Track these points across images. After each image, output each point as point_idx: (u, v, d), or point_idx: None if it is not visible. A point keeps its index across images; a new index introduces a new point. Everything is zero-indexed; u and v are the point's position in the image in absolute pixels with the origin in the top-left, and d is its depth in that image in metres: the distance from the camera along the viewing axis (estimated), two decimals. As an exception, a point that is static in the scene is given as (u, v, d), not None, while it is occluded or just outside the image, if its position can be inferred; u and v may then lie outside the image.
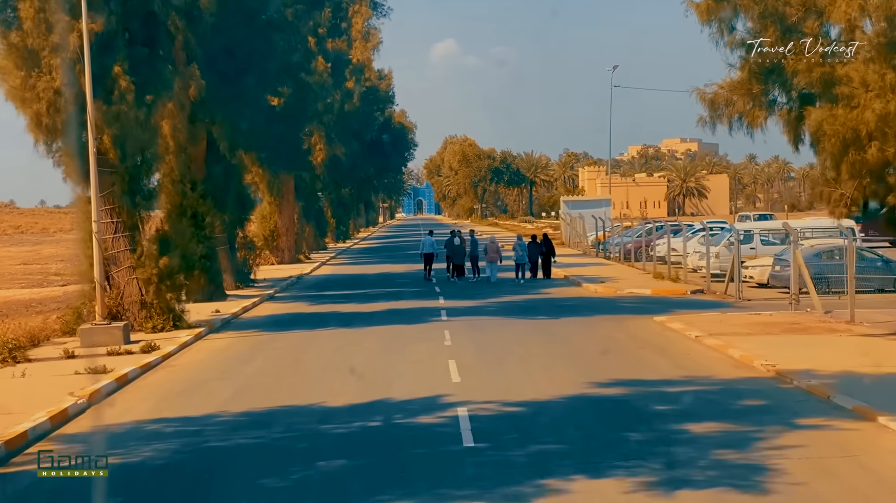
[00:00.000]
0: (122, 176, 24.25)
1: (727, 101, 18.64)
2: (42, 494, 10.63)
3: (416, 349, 20.45)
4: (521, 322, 24.88)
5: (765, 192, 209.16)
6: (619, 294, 32.13)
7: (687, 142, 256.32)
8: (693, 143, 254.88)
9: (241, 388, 16.61)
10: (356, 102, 56.94)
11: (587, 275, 38.85)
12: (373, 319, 26.30)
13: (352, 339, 22.42)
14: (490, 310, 27.98)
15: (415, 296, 32.74)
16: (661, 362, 17.95)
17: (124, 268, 24.43)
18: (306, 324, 25.55)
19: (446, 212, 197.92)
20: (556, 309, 27.86)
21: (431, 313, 27.19)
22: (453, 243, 39.38)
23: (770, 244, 37.16)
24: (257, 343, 22.56)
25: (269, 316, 28.41)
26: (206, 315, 27.46)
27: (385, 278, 41.86)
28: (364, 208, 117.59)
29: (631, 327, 23.27)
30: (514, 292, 33.28)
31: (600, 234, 57.77)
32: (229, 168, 34.74)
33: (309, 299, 33.02)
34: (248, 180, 55.02)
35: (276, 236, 52.68)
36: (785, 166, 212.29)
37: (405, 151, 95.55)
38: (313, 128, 50.63)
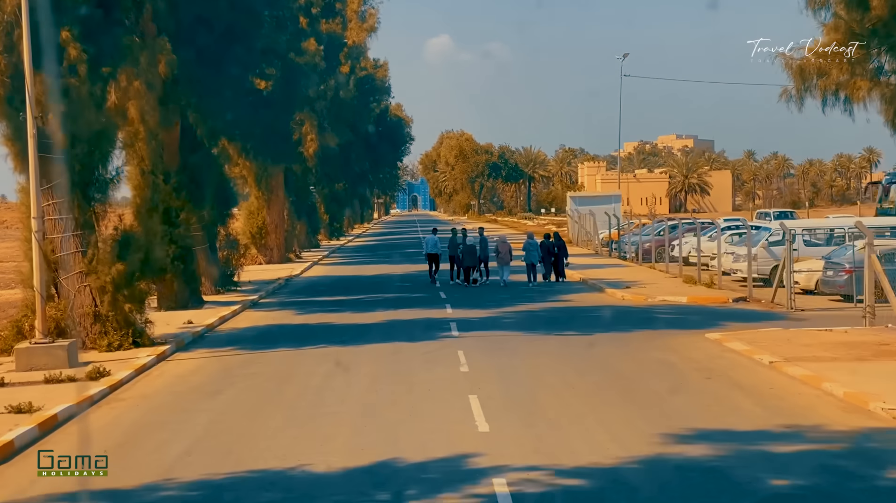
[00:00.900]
0: (72, 164, 20.26)
1: (820, 70, 14.64)
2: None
3: (426, 378, 16.52)
4: (548, 339, 20.93)
5: (764, 189, 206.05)
6: (650, 302, 28.21)
7: (683, 138, 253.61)
8: (689, 139, 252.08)
9: (199, 439, 12.64)
10: (351, 89, 52.88)
11: (606, 278, 34.96)
12: (370, 334, 22.36)
13: (346, 362, 18.46)
14: (507, 322, 24.05)
15: (418, 303, 28.80)
16: (743, 402, 14.00)
17: (74, 273, 20.45)
18: (292, 340, 21.59)
19: (441, 208, 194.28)
20: (584, 321, 23.97)
21: (439, 326, 23.27)
22: (456, 242, 35.47)
23: (813, 245, 33.23)
24: (231, 366, 18.59)
25: (249, 328, 24.44)
26: (177, 327, 23.54)
27: (383, 281, 37.90)
28: (359, 204, 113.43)
29: (682, 347, 19.33)
30: (530, 299, 29.35)
31: (613, 232, 53.93)
32: (208, 157, 30.74)
33: (297, 306, 29.05)
34: (236, 173, 51.30)
35: (265, 234, 48.69)
36: (784, 163, 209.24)
37: (402, 145, 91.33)
38: (304, 116, 46.54)
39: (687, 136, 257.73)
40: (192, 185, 29.26)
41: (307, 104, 43.79)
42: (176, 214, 27.98)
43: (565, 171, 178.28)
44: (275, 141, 37.10)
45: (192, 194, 29.09)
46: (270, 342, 21.49)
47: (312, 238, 64.35)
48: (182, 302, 28.14)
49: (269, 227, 48.69)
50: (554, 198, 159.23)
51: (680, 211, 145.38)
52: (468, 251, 34.20)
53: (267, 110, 35.27)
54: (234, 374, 17.60)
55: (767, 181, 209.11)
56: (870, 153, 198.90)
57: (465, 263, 34.18)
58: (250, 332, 23.58)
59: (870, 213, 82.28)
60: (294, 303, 30.32)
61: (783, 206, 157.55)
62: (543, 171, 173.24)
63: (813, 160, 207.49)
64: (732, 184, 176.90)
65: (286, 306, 29.35)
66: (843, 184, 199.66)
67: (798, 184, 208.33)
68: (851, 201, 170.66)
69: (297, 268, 44.33)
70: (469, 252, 34.20)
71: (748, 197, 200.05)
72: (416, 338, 21.33)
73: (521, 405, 14.07)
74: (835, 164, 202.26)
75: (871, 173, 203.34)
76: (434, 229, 37.10)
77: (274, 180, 48.46)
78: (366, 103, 65.38)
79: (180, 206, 28.17)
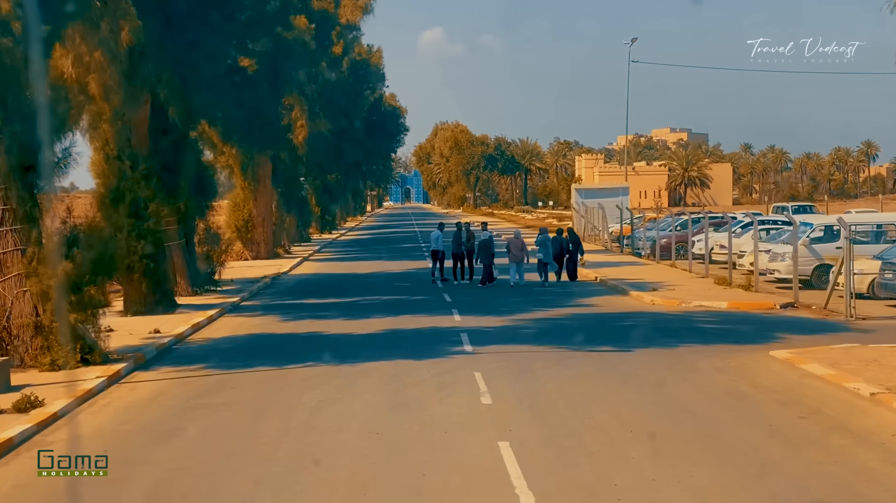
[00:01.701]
0: (9, 145, 16.74)
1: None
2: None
3: (439, 412, 13.08)
4: (581, 357, 17.47)
5: (760, 182, 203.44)
6: (686, 307, 24.78)
7: (677, 131, 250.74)
8: (683, 132, 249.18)
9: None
10: (344, 71, 49.32)
11: (626, 277, 31.56)
12: (367, 347, 18.91)
13: (338, 390, 15.01)
14: (527, 334, 20.57)
15: (420, 307, 25.37)
16: (866, 457, 10.56)
17: (12, 276, 16.97)
18: (275, 355, 18.12)
19: (435, 200, 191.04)
20: (618, 333, 20.56)
21: (447, 338, 19.82)
22: (461, 237, 32.08)
23: (858, 243, 29.84)
24: (197, 392, 15.11)
25: (226, 338, 20.93)
26: (141, 337, 20.08)
27: (379, 280, 34.42)
28: (352, 196, 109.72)
29: (747, 369, 15.90)
30: (547, 303, 25.93)
31: (622, 227, 50.51)
32: (182, 142, 27.20)
33: (283, 311, 25.57)
34: (222, 163, 47.92)
35: (251, 227, 45.15)
36: (782, 156, 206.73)
37: (397, 135, 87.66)
38: (294, 100, 43.01)
39: (681, 130, 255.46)
40: (165, 173, 25.81)
41: (297, 87, 40.26)
42: (145, 205, 24.46)
43: (560, 164, 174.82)
44: (260, 125, 33.52)
45: (165, 183, 25.63)
46: (249, 357, 18.01)
47: (303, 232, 60.83)
48: (151, 306, 24.64)
49: (255, 221, 45.17)
50: (551, 190, 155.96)
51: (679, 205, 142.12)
52: (485, 247, 30.79)
53: (252, 91, 31.80)
54: (199, 405, 14.12)
55: (765, 175, 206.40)
56: (868, 146, 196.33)
57: (483, 260, 30.76)
58: (226, 344, 20.09)
59: (890, 207, 79.15)
60: (280, 306, 26.83)
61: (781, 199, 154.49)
62: (540, 164, 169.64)
63: (810, 154, 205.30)
64: (733, 177, 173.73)
65: (271, 310, 25.86)
66: (840, 178, 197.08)
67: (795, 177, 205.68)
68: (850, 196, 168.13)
69: (286, 265, 40.84)
70: (485, 248, 30.79)
71: (745, 191, 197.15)
72: (422, 353, 17.88)
73: (571, 460, 10.62)
74: (832, 157, 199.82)
75: (870, 167, 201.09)
76: (440, 225, 33.74)
77: (261, 170, 44.91)
78: (359, 90, 61.84)
79: (150, 196, 24.64)
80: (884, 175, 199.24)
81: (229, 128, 32.13)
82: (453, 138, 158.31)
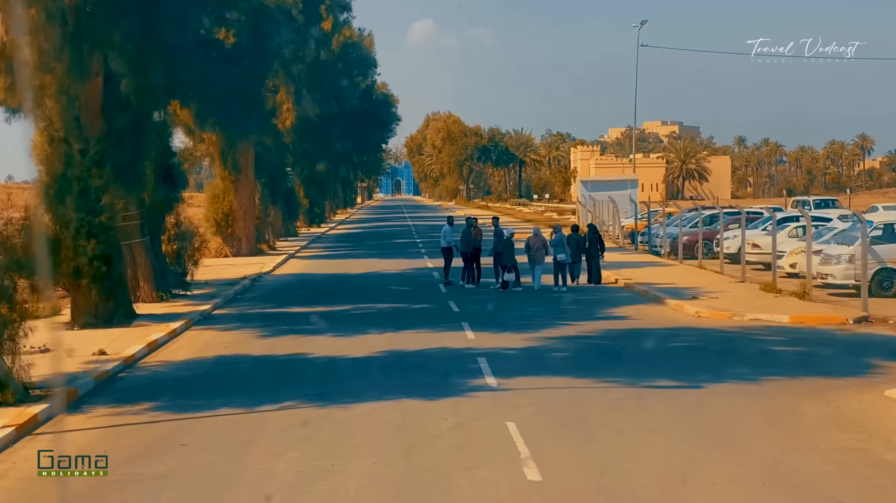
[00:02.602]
0: None
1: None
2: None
3: (469, 498, 9.15)
4: (640, 396, 13.47)
5: (755, 175, 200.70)
6: (741, 322, 20.82)
7: (668, 124, 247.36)
8: (674, 125, 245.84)
9: None
10: (335, 50, 45.20)
11: (652, 281, 27.68)
12: (362, 379, 14.96)
13: (325, 449, 11.03)
14: (559, 359, 16.60)
15: (423, 319, 21.44)
16: None
17: None
18: (244, 390, 14.14)
19: (427, 192, 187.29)
20: (671, 357, 16.65)
21: (462, 363, 15.88)
22: (471, 234, 28.18)
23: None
24: (133, 453, 11.09)
25: (187, 363, 16.91)
26: (81, 360, 16.13)
27: (374, 283, 30.43)
28: (342, 188, 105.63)
29: (869, 420, 11.96)
30: (571, 314, 22.00)
31: (633, 223, 46.59)
32: (143, 121, 23.14)
33: (262, 322, 21.58)
34: (203, 151, 43.93)
35: (231, 221, 41.10)
36: (777, 149, 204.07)
37: (389, 124, 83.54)
38: (279, 81, 38.92)
39: (672, 122, 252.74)
40: (123, 159, 21.77)
41: (281, 65, 36.21)
42: (97, 197, 20.52)
43: (554, 156, 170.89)
44: (240, 106, 29.44)
45: (123, 170, 21.62)
46: (212, 392, 14.03)
47: (289, 225, 56.75)
48: (104, 317, 20.62)
49: (236, 214, 41.11)
50: (546, 183, 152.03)
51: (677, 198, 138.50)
52: (507, 246, 26.87)
53: (229, 67, 27.81)
54: (130, 478, 10.14)
55: (759, 168, 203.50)
56: (863, 140, 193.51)
57: (505, 261, 26.85)
58: (186, 371, 16.10)
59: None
60: (258, 316, 22.84)
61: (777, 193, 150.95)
62: (535, 156, 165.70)
63: (805, 147, 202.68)
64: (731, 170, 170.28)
65: (247, 322, 21.85)
66: (836, 171, 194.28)
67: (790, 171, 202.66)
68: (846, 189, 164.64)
69: (269, 263, 36.80)
70: (508, 248, 26.87)
71: (740, 184, 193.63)
72: (434, 388, 13.92)
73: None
74: (827, 151, 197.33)
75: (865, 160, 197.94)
76: (450, 220, 29.83)
77: (243, 158, 40.84)
78: (350, 75, 57.69)
79: (103, 186, 20.68)
80: (878, 168, 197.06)
81: (204, 109, 28.08)
82: (446, 129, 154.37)
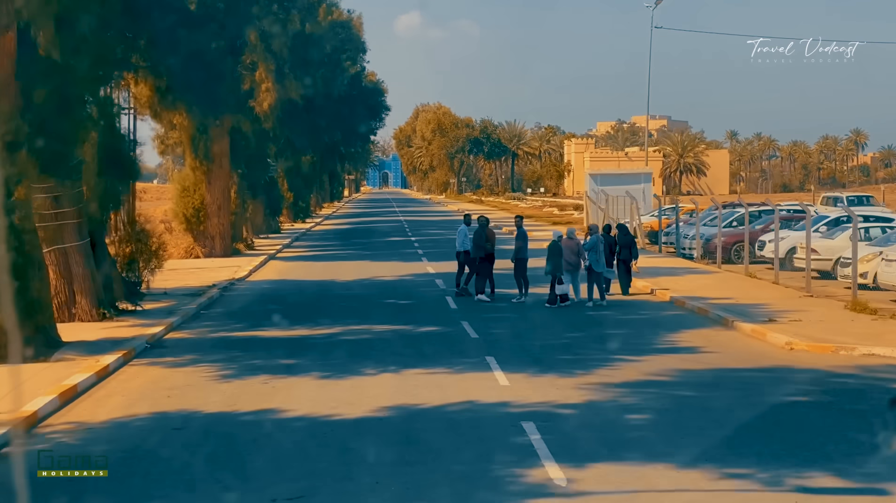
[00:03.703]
0: None
1: None
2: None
3: None
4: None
5: (748, 170, 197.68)
6: (853, 359, 15.87)
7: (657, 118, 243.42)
8: (662, 119, 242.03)
9: None
10: (322, 22, 40.07)
11: (697, 293, 22.94)
12: (355, 467, 10.05)
13: None
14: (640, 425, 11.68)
15: (435, 349, 16.54)
16: None
17: None
18: (180, 487, 9.22)
19: (415, 185, 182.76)
20: (802, 424, 11.77)
21: (502, 437, 10.97)
22: (484, 236, 23.32)
23: None
24: None
25: (109, 427, 11.88)
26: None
27: (367, 294, 25.44)
28: (329, 180, 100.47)
29: None
30: (623, 343, 17.06)
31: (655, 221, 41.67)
32: (73, 93, 18.05)
33: (225, 352, 16.59)
34: (175, 139, 38.85)
35: (203, 218, 36.04)
36: (770, 144, 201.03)
37: (379, 114, 78.50)
38: (258, 57, 33.74)
39: (661, 117, 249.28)
40: (47, 140, 16.75)
41: (261, 38, 31.08)
42: (9, 191, 15.55)
43: (545, 149, 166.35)
44: (206, 81, 24.49)
45: (46, 156, 16.64)
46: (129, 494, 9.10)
47: (271, 221, 51.69)
48: (15, 347, 15.59)
49: (209, 209, 36.06)
50: (539, 176, 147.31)
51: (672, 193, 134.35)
52: (555, 252, 21.86)
53: (192, 32, 22.90)
54: None
55: (752, 163, 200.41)
56: (857, 135, 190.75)
57: (552, 271, 21.85)
58: (103, 445, 11.07)
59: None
60: (222, 342, 17.85)
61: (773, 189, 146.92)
62: (528, 148, 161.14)
63: (798, 142, 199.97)
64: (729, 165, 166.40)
65: (206, 352, 16.84)
66: (831, 166, 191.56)
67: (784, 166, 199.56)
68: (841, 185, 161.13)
69: (245, 266, 31.79)
70: (556, 252, 21.84)
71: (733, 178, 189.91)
72: (469, 495, 9.02)
73: None
74: (820, 146, 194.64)
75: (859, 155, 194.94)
76: (466, 218, 24.97)
77: (216, 145, 35.76)
78: (338, 59, 52.58)
79: (18, 175, 15.76)
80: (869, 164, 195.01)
81: (159, 79, 23.03)
82: (436, 120, 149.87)
